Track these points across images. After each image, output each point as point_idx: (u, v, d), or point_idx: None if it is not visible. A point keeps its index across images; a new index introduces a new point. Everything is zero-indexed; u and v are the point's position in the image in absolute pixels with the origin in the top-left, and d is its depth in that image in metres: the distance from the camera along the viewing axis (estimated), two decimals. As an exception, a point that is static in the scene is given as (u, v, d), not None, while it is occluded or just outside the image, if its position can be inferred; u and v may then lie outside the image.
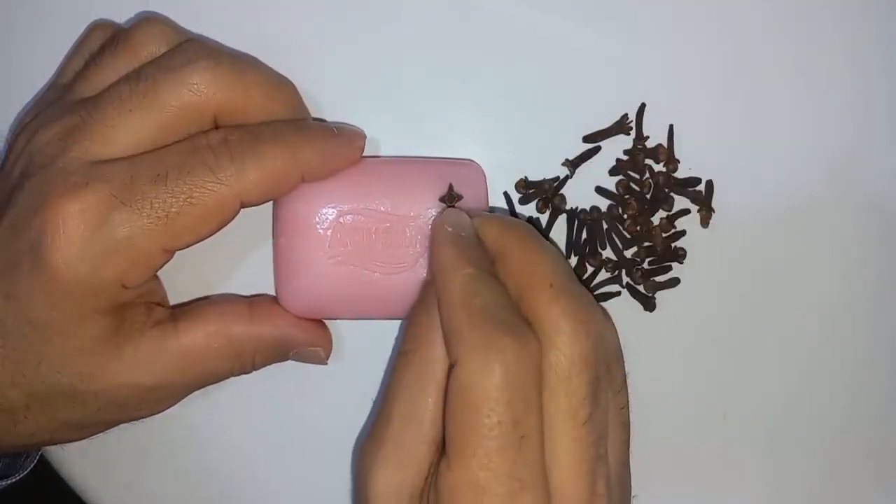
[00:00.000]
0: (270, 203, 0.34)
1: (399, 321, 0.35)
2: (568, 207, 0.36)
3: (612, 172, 0.36)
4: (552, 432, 0.27)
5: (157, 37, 0.32)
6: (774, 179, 0.36)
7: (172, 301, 0.34)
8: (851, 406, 0.37)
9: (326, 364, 0.34)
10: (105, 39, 0.33)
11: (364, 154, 0.33)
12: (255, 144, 0.30)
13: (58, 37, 0.35)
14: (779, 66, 0.36)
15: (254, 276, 0.35)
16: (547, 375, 0.27)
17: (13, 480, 0.34)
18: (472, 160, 0.35)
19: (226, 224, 0.31)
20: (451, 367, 0.28)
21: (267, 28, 0.35)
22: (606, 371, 0.29)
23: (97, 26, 0.34)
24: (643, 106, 0.36)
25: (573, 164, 0.36)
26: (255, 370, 0.33)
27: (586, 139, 0.36)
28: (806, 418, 0.37)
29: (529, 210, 0.36)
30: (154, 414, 0.33)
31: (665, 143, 0.36)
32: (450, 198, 0.33)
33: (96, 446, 0.34)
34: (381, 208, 0.32)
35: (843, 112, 0.36)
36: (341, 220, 0.32)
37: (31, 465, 0.35)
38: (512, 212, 0.36)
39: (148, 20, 0.33)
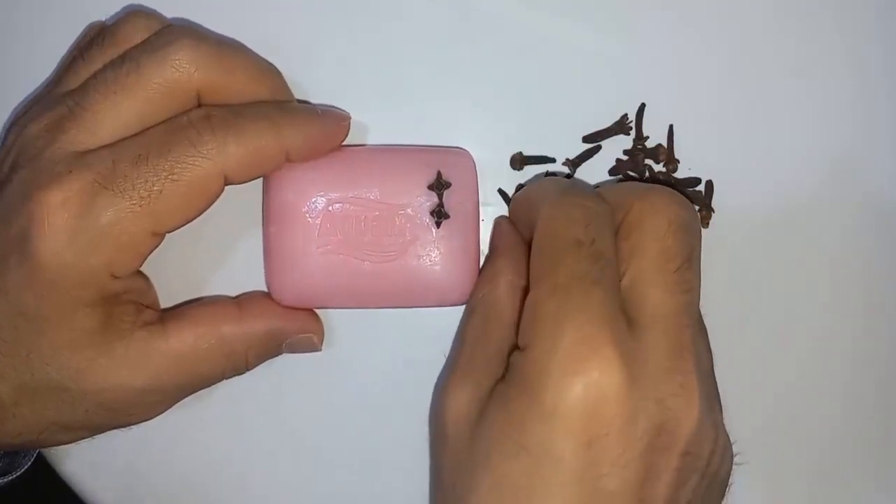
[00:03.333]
0: (260, 193, 0.34)
1: (390, 310, 0.35)
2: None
3: (612, 172, 0.36)
4: (644, 280, 0.29)
5: (143, 30, 0.32)
6: (774, 179, 0.36)
7: (164, 296, 0.34)
8: (851, 406, 0.37)
9: (320, 350, 0.34)
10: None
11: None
12: (238, 119, 0.30)
13: (57, 38, 0.35)
14: (779, 66, 0.36)
15: (244, 268, 0.35)
16: (643, 235, 0.29)
17: (12, 477, 0.34)
18: (461, 148, 0.35)
19: (210, 203, 0.31)
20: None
21: (267, 27, 0.35)
22: (697, 258, 0.30)
23: (91, 28, 0.34)
24: (643, 106, 0.36)
25: (573, 164, 0.36)
26: (250, 369, 0.33)
27: (586, 139, 0.36)
28: (806, 418, 0.37)
29: (529, 210, 0.36)
30: (145, 420, 0.33)
31: (665, 143, 0.36)
32: (438, 185, 0.33)
33: (96, 446, 0.34)
34: (371, 196, 0.32)
35: (843, 112, 0.36)
36: (330, 208, 0.32)
37: (29, 463, 0.35)
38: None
39: (134, 13, 0.33)
